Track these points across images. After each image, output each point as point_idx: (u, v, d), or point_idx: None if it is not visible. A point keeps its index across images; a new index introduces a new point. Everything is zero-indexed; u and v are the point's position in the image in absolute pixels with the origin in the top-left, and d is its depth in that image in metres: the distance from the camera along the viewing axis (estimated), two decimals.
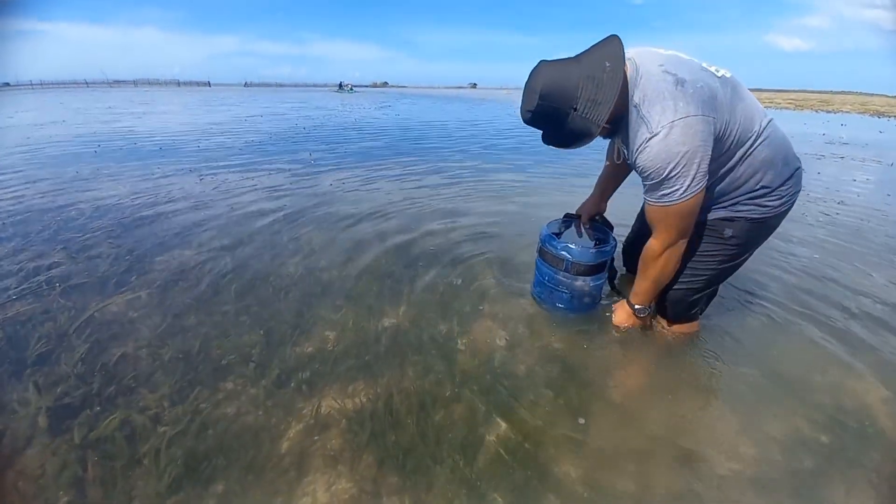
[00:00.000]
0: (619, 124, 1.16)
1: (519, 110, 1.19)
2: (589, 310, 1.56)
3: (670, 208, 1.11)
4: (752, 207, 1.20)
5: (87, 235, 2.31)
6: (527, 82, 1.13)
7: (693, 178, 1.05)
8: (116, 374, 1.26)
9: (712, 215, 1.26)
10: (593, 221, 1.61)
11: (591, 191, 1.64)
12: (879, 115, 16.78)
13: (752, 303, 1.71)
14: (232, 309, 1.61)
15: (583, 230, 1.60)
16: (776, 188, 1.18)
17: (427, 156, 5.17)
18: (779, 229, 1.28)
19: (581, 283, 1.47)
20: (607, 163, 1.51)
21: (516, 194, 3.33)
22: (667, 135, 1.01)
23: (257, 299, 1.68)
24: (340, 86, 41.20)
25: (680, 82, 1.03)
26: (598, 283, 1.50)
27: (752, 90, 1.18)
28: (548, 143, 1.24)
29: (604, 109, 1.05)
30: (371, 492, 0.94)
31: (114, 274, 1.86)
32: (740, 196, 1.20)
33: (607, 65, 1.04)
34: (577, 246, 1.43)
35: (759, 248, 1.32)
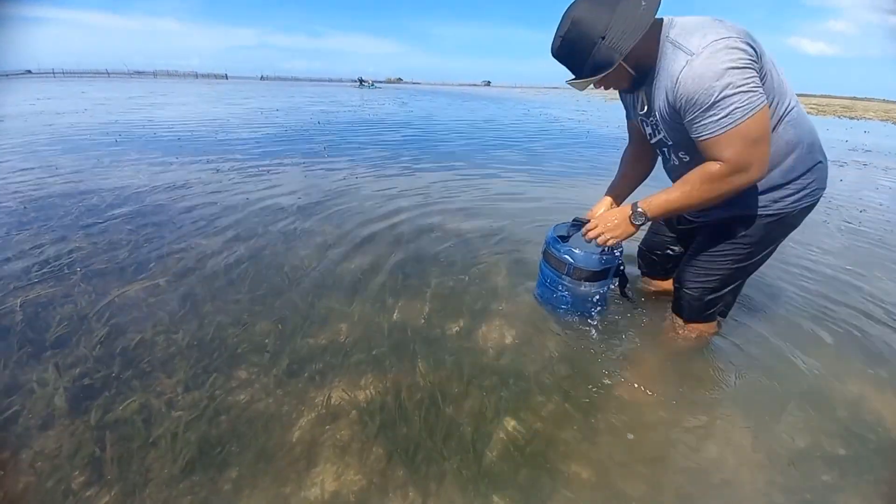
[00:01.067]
0: (645, 73, 1.11)
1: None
2: (592, 313, 1.54)
3: (732, 132, 0.96)
4: (766, 203, 1.15)
5: (108, 222, 2.36)
6: (564, 13, 1.09)
7: (750, 93, 0.93)
8: (134, 358, 1.29)
9: (723, 213, 1.22)
10: None
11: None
12: None
13: (770, 308, 1.68)
14: (246, 298, 1.63)
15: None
16: (794, 179, 1.12)
17: (443, 157, 5.16)
18: (799, 235, 1.24)
19: (585, 287, 1.44)
20: (623, 167, 1.47)
21: (535, 195, 3.31)
22: (711, 53, 0.94)
23: (271, 289, 1.70)
24: (361, 81, 40.91)
25: (717, 19, 1.01)
26: (602, 288, 1.46)
27: None
28: (571, 80, 1.15)
29: (630, 39, 1.01)
30: (379, 484, 0.94)
31: (133, 260, 1.90)
32: (756, 188, 1.14)
33: (643, 3, 1.02)
34: (581, 251, 1.40)
35: (779, 252, 1.28)
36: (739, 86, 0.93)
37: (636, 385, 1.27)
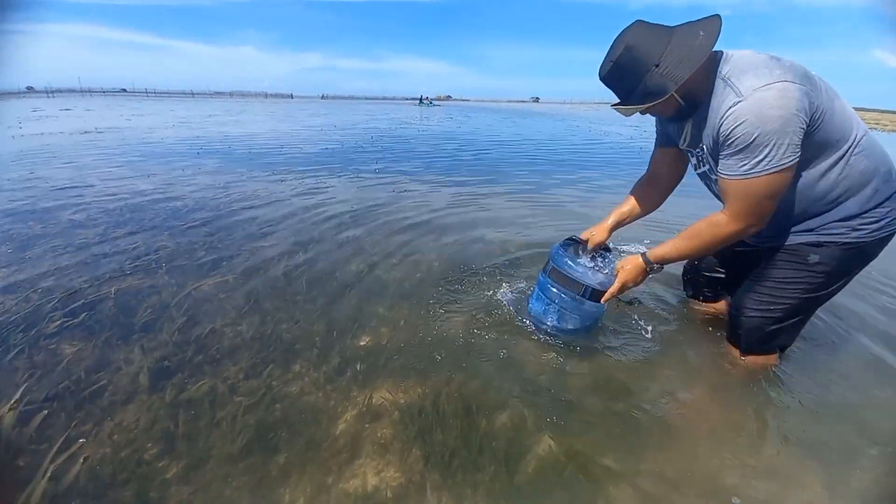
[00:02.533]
0: (693, 104, 1.09)
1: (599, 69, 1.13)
2: (586, 330, 1.49)
3: (751, 181, 0.99)
4: (843, 230, 1.08)
5: (188, 224, 2.65)
6: (617, 36, 1.09)
7: (784, 148, 0.94)
8: (205, 345, 1.44)
9: (798, 239, 1.15)
10: (598, 249, 1.50)
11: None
12: None
13: (843, 341, 1.53)
14: (302, 299, 1.76)
15: (585, 255, 1.50)
16: (873, 208, 1.06)
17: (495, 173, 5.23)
18: (877, 264, 1.14)
19: (590, 306, 1.39)
20: (633, 198, 1.45)
21: (584, 211, 3.26)
22: (760, 98, 0.93)
23: (324, 292, 1.82)
24: (421, 100, 43.15)
25: (774, 57, 0.99)
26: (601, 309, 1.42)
27: (853, 110, 1.08)
28: (617, 104, 1.16)
29: (686, 69, 0.99)
30: (417, 484, 0.97)
31: (207, 259, 2.12)
32: (831, 217, 1.08)
33: (701, 34, 1.00)
34: (589, 271, 1.37)
35: (855, 281, 1.18)
36: (776, 140, 0.93)
37: (685, 417, 1.20)
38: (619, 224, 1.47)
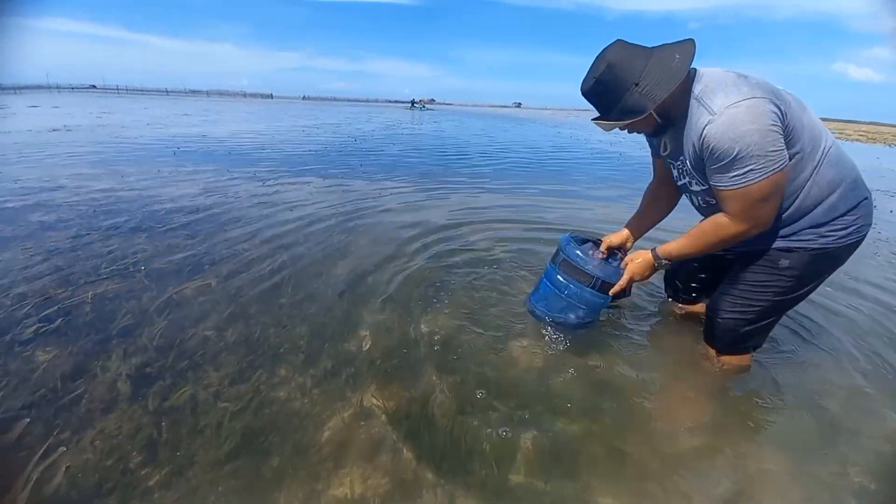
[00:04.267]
0: (669, 120, 1.15)
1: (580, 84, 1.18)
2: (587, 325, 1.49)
3: (746, 189, 1.04)
4: (812, 237, 1.15)
5: (167, 227, 2.58)
6: (598, 54, 1.14)
7: (768, 157, 0.99)
8: (189, 350, 1.41)
9: (769, 244, 1.22)
10: (612, 251, 1.50)
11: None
12: None
13: (810, 341, 1.62)
14: (287, 302, 1.74)
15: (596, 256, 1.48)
16: (840, 216, 1.13)
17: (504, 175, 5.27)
18: (847, 268, 1.22)
19: (596, 298, 1.40)
20: (644, 205, 1.50)
21: (577, 218, 3.33)
22: (732, 115, 0.99)
23: (309, 295, 1.81)
24: (413, 103, 38.53)
25: (742, 75, 1.06)
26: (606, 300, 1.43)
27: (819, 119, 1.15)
28: (597, 118, 1.20)
29: (664, 90, 1.05)
30: (405, 488, 0.98)
31: (188, 262, 2.07)
32: (802, 224, 1.15)
33: (677, 56, 1.07)
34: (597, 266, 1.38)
35: (825, 285, 1.25)
36: (757, 151, 0.99)
37: (666, 413, 1.25)
38: (636, 231, 1.50)
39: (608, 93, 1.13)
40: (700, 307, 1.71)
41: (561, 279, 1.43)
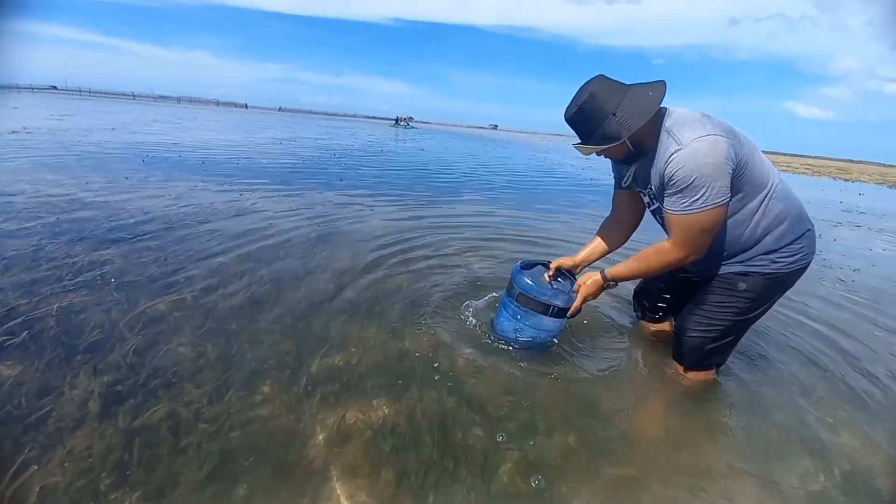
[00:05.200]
0: (641, 150, 1.28)
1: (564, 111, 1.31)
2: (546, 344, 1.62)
3: (691, 217, 1.18)
4: (765, 262, 1.29)
5: (137, 237, 2.49)
6: (582, 85, 1.27)
7: (716, 190, 1.13)
8: (161, 367, 1.37)
9: (728, 269, 1.35)
10: (559, 271, 1.61)
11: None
12: None
13: (768, 358, 1.75)
14: (267, 318, 1.72)
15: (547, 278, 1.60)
16: (788, 244, 1.27)
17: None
18: (796, 291, 1.35)
19: (554, 323, 1.53)
20: (599, 237, 1.62)
21: (551, 237, 3.44)
22: (696, 148, 1.12)
23: (290, 311, 1.79)
24: (397, 120, 36.54)
25: (706, 115, 1.21)
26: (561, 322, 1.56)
27: (768, 153, 1.30)
28: (578, 143, 1.32)
29: (637, 120, 1.18)
30: (394, 500, 0.99)
31: (162, 275, 2.01)
32: (755, 251, 1.29)
33: (650, 93, 1.20)
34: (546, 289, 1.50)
35: (777, 307, 1.38)
36: (710, 183, 1.13)
37: (641, 426, 1.33)
38: (587, 259, 1.62)
39: (589, 120, 1.25)
40: (666, 325, 1.82)
41: (518, 311, 1.53)
